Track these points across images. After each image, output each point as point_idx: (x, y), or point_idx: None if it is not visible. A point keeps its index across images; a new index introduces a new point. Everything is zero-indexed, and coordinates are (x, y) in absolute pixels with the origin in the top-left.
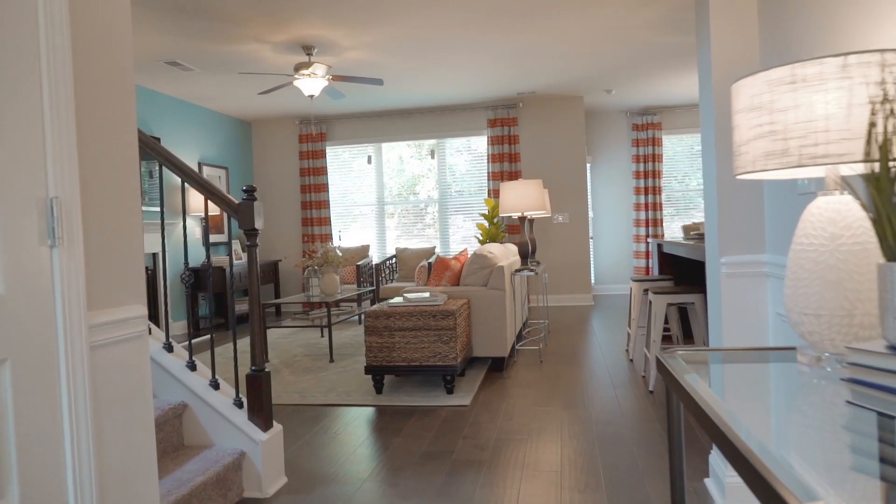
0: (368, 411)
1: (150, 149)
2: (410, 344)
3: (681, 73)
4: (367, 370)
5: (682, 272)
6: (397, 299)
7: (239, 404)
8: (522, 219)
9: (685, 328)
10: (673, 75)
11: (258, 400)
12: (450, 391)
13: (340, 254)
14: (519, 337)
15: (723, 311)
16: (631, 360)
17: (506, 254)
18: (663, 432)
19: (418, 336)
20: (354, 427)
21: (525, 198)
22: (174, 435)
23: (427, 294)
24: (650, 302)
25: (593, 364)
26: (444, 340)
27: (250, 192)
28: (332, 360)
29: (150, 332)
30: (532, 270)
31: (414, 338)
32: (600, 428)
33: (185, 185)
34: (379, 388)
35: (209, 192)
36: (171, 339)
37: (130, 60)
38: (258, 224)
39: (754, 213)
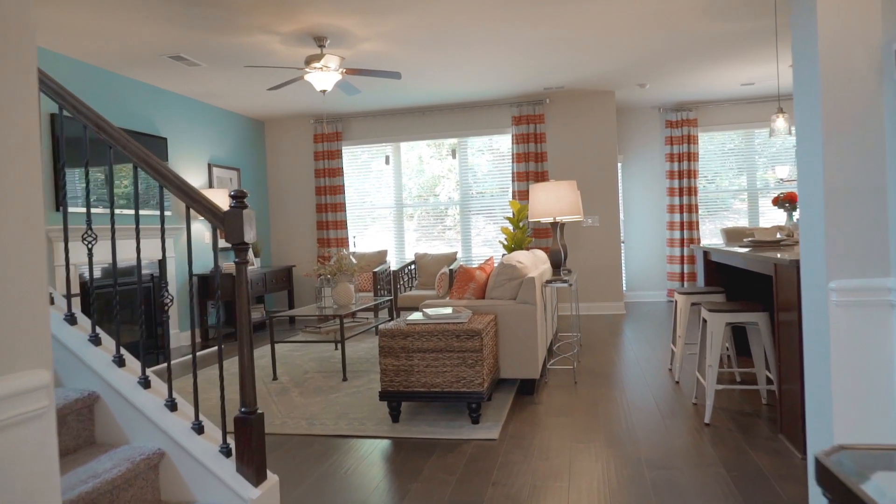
0: (384, 445)
1: (122, 146)
2: (431, 367)
3: (722, 64)
4: (382, 396)
5: (732, 282)
6: (416, 315)
7: (227, 452)
8: (555, 224)
9: (738, 345)
10: (713, 67)
11: (248, 448)
12: (475, 420)
13: (355, 261)
14: (549, 351)
15: (832, 349)
16: (677, 382)
17: (535, 262)
18: (729, 479)
19: (440, 359)
20: (367, 466)
21: (558, 201)
22: (148, 491)
23: (449, 310)
24: (703, 320)
25: (634, 386)
26: (470, 364)
27: (239, 198)
28: (345, 379)
29: (123, 364)
30: (565, 281)
31: (435, 360)
32: (654, 473)
33: (206, 188)
34: (395, 416)
35: (190, 198)
36: (147, 374)
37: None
38: (248, 237)
39: (876, 225)
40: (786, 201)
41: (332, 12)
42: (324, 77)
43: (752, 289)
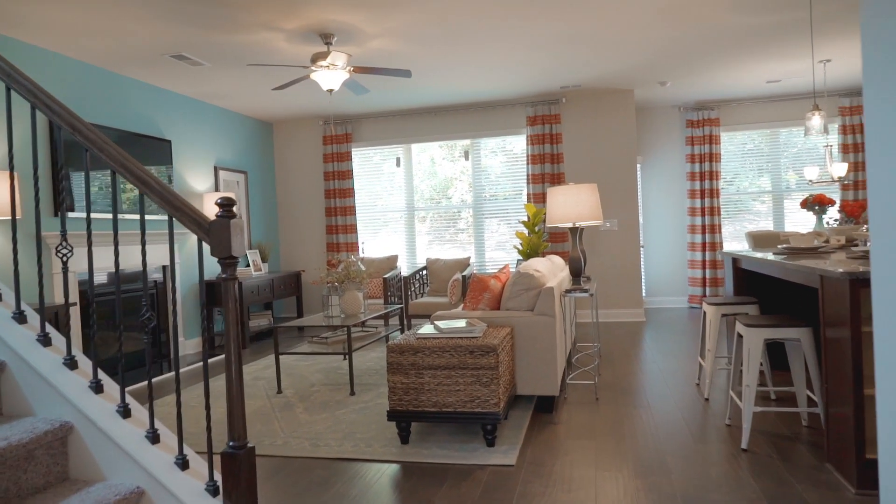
0: (392, 469)
1: (98, 149)
2: (443, 385)
3: (748, 60)
4: (391, 416)
5: (764, 291)
6: (427, 328)
7: (213, 490)
8: (574, 230)
9: (773, 360)
10: (738, 64)
11: (237, 487)
12: (490, 443)
13: (364, 267)
14: (567, 363)
15: None
16: (706, 399)
17: (553, 270)
18: None
19: (452, 376)
20: (374, 496)
21: (577, 205)
22: None
23: (463, 322)
24: (738, 334)
25: (661, 403)
26: (484, 382)
27: (226, 206)
28: (352, 393)
29: (101, 390)
30: (586, 291)
31: (447, 378)
32: None
33: (212, 192)
34: (405, 437)
35: (173, 206)
36: (126, 401)
37: None
38: (236, 250)
39: None
40: (815, 204)
41: (338, 7)
42: (330, 76)
43: (787, 298)
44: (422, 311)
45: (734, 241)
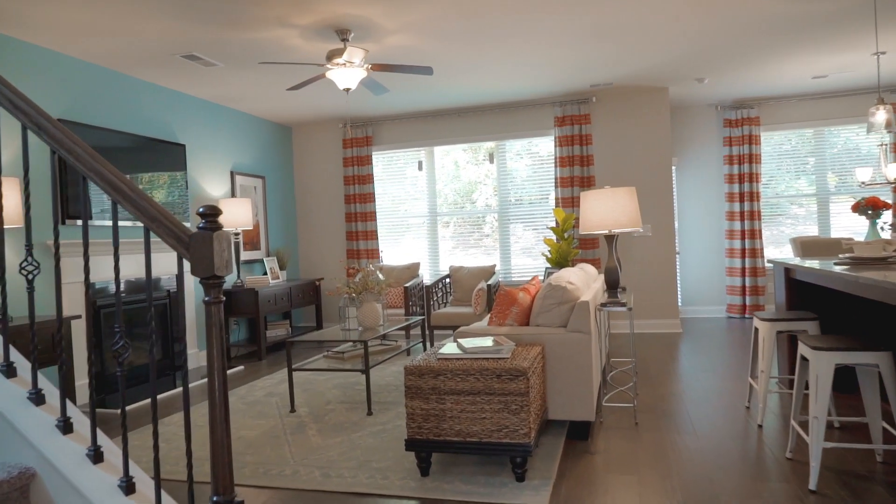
0: None
1: (67, 150)
2: (466, 413)
3: (795, 53)
4: (409, 445)
5: (820, 304)
6: (449, 347)
7: None
8: (610, 238)
9: (839, 384)
10: (783, 57)
11: None
12: (520, 478)
13: (382, 277)
14: (601, 380)
15: None
16: (759, 426)
17: (586, 281)
18: None
19: (477, 402)
20: None
21: (614, 210)
22: None
23: (489, 341)
24: (801, 357)
25: (709, 430)
26: (514, 410)
27: (210, 216)
28: (369, 413)
29: (70, 429)
30: (623, 305)
31: (471, 404)
32: None
33: (228, 197)
34: (425, 469)
35: (149, 217)
36: (98, 444)
37: None
38: (220, 269)
39: None
40: (868, 207)
41: (353, 0)
42: (347, 74)
43: (852, 314)
44: (444, 322)
45: (775, 248)
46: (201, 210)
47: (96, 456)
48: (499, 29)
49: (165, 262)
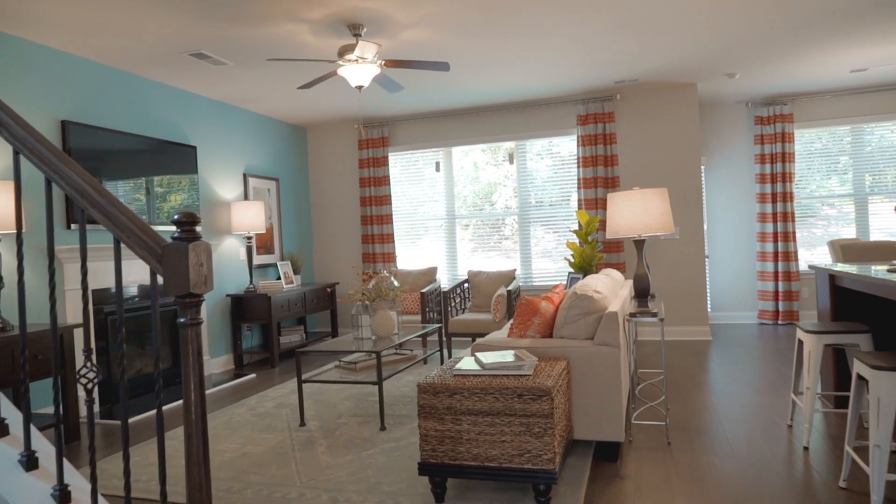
0: None
1: (30, 150)
2: (485, 435)
3: (834, 44)
4: (423, 469)
5: (873, 315)
6: (466, 362)
7: None
8: (640, 242)
9: None
10: (821, 49)
11: None
12: None
13: (397, 283)
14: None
15: None
16: (806, 449)
17: (613, 288)
18: None
19: (496, 424)
20: None
21: (645, 213)
22: None
23: (510, 356)
24: (857, 376)
25: (749, 451)
26: (536, 433)
27: (186, 224)
28: (383, 428)
29: (35, 465)
30: (654, 315)
31: (490, 426)
32: None
33: (241, 200)
34: (440, 495)
35: (118, 226)
36: (66, 483)
37: None
38: (197, 285)
39: None
40: None
41: None
42: (359, 70)
43: None
44: (463, 330)
45: (804, 250)
46: (176, 217)
47: (62, 496)
48: (519, 22)
49: None
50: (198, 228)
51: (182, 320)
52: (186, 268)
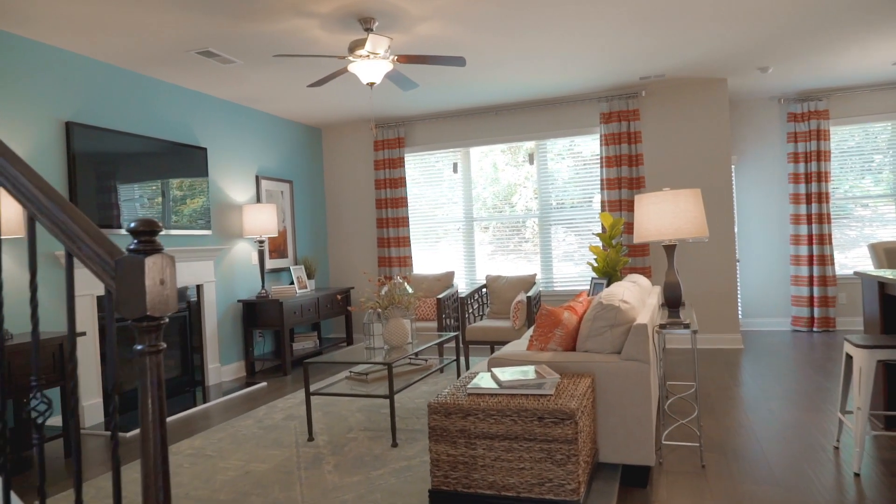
0: None
1: None
2: (501, 461)
3: (875, 35)
4: (434, 497)
5: None
6: (482, 379)
7: None
8: (670, 247)
9: None
10: (860, 40)
11: None
12: None
13: (411, 289)
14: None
15: None
16: (856, 475)
17: (641, 297)
18: None
19: (514, 449)
20: None
21: (676, 217)
22: None
23: (530, 372)
24: None
25: (793, 477)
26: (559, 460)
27: (144, 234)
28: (394, 444)
29: None
30: (687, 326)
31: (508, 451)
32: None
33: (253, 203)
34: None
35: (66, 235)
36: None
37: None
38: (156, 307)
39: None
40: None
41: None
42: (371, 66)
43: None
44: (480, 337)
45: (838, 252)
46: (132, 225)
47: None
48: (539, 15)
49: (189, 272)
50: (157, 238)
51: (139, 347)
52: (143, 286)
